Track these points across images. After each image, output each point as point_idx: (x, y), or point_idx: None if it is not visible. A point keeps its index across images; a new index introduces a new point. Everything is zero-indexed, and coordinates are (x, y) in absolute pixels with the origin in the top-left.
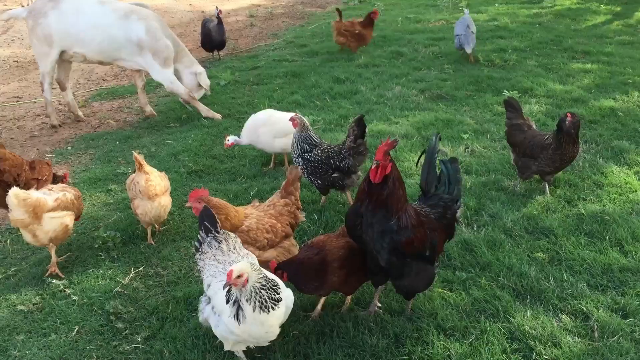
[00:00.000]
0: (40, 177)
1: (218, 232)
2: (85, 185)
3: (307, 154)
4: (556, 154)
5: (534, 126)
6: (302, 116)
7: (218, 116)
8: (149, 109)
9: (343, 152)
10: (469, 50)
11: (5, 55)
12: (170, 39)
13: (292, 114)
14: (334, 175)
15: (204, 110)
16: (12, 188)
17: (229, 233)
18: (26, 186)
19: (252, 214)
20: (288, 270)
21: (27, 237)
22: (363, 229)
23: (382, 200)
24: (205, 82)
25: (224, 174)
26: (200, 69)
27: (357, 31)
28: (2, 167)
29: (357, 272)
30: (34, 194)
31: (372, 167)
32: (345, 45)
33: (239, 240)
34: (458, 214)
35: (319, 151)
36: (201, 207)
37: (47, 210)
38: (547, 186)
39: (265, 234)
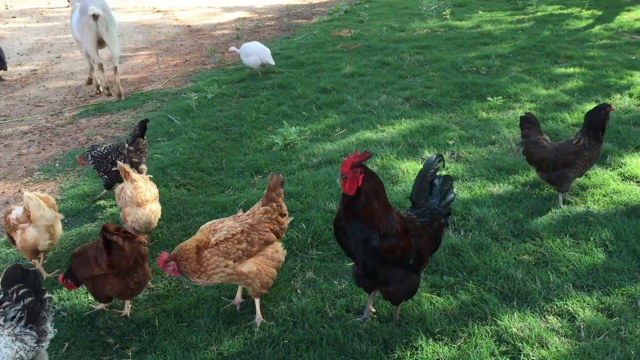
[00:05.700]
0: None
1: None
2: (74, 202)
3: (93, 152)
4: (593, 152)
5: (548, 139)
6: (87, 150)
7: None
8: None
9: (120, 149)
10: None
11: None
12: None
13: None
14: (114, 169)
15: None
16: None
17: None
18: None
19: (223, 227)
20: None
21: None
22: (347, 237)
23: (356, 212)
24: None
25: (212, 186)
26: None
27: None
28: None
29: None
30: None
31: (341, 180)
32: None
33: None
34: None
35: (101, 149)
36: (173, 266)
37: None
38: (560, 196)
39: (237, 244)
